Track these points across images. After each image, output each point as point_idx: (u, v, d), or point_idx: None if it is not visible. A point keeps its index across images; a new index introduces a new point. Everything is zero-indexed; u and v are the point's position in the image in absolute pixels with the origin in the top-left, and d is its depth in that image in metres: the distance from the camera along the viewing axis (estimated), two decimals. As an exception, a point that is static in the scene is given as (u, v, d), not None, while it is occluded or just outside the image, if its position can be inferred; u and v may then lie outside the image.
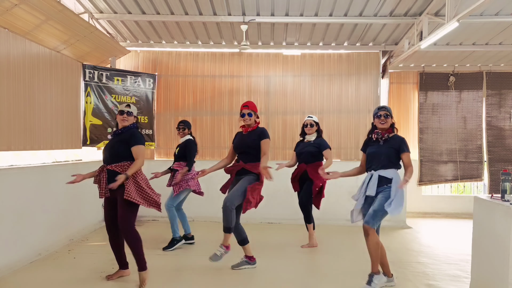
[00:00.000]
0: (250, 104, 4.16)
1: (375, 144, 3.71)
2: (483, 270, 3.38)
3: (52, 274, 3.95)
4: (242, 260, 4.21)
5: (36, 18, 4.59)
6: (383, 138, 3.65)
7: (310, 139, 5.01)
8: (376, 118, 3.70)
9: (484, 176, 7.62)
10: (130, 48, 7.03)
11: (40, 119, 4.98)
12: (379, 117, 3.68)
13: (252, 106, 4.15)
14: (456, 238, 5.81)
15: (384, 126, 3.67)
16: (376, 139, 3.69)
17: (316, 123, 5.02)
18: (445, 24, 4.87)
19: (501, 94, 7.63)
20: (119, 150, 3.59)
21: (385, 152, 3.62)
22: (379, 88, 7.15)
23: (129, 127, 3.71)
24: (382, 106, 3.80)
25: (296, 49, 7.20)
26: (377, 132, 3.69)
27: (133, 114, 3.75)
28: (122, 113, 3.70)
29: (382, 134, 3.66)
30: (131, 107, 3.77)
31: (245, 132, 4.15)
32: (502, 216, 3.04)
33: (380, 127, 3.69)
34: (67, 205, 5.13)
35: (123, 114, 3.69)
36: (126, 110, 3.71)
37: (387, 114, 3.68)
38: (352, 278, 3.93)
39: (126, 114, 3.69)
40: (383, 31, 6.58)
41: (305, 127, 5.03)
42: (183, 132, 5.10)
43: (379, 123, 3.68)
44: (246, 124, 4.13)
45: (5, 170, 4.14)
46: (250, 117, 4.10)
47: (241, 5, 5.83)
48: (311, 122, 5.00)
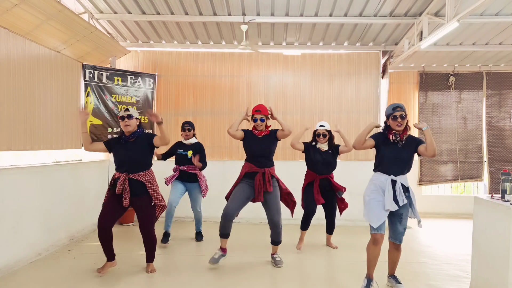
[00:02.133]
0: (262, 108, 4.16)
1: (393, 146, 3.39)
2: (483, 270, 3.38)
3: (52, 274, 3.95)
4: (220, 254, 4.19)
5: (36, 18, 4.59)
6: (402, 141, 3.37)
7: (324, 148, 4.76)
8: (392, 120, 3.37)
9: (484, 176, 7.62)
10: (130, 48, 7.03)
11: (40, 119, 4.98)
12: (395, 119, 3.34)
13: (264, 110, 4.16)
14: (456, 238, 5.81)
15: (401, 128, 3.35)
16: (393, 141, 3.39)
17: (328, 132, 4.76)
18: (445, 24, 4.87)
19: (501, 94, 7.64)
20: (142, 157, 3.77)
21: (405, 158, 3.38)
22: (379, 88, 7.15)
23: (138, 133, 3.77)
24: (396, 105, 3.39)
25: (296, 49, 7.20)
26: (395, 134, 3.37)
27: (133, 117, 3.77)
28: (123, 118, 3.73)
29: (401, 137, 3.36)
30: (130, 109, 3.77)
31: (260, 135, 4.18)
32: (502, 216, 3.04)
33: (396, 129, 3.36)
34: (67, 205, 5.12)
35: (124, 119, 3.71)
36: (125, 114, 3.73)
37: (403, 114, 3.34)
38: (353, 277, 3.93)
39: (126, 118, 3.71)
40: (383, 31, 6.58)
41: (318, 136, 4.76)
42: (189, 133, 5.13)
43: (396, 125, 3.35)
44: (258, 129, 4.16)
45: (5, 170, 4.14)
46: (262, 122, 4.14)
47: (241, 5, 5.83)
48: (324, 132, 4.72)
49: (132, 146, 3.75)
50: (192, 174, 5.12)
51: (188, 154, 5.10)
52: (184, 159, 5.13)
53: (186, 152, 5.13)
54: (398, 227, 3.44)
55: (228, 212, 4.01)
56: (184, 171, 5.10)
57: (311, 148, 4.81)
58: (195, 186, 5.17)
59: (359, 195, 6.81)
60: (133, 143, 3.76)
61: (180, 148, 5.20)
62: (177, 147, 5.25)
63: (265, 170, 4.12)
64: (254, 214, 5.97)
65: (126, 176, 3.71)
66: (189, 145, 5.18)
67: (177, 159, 5.21)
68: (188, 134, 5.16)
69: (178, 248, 4.99)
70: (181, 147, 5.21)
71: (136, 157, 3.75)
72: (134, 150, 3.74)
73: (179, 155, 5.18)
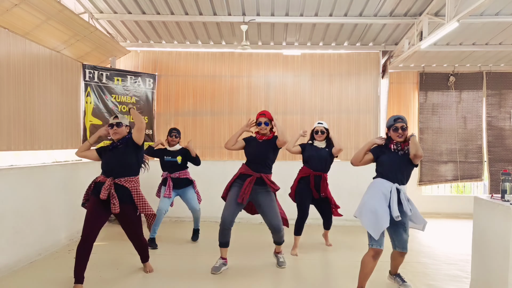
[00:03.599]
0: (267, 113, 4.20)
1: (393, 154, 3.43)
2: (483, 270, 3.38)
3: (52, 274, 3.95)
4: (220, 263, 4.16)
5: (36, 18, 4.59)
6: (403, 151, 3.42)
7: (321, 146, 4.75)
8: (393, 132, 3.44)
9: (484, 176, 7.62)
10: (130, 48, 7.03)
11: (40, 119, 4.98)
12: (396, 130, 3.42)
13: (268, 115, 4.18)
14: (456, 238, 5.81)
15: (402, 139, 3.43)
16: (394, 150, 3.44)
17: (326, 130, 4.79)
18: (445, 24, 4.87)
19: (501, 94, 7.63)
20: (129, 161, 3.66)
21: (405, 167, 3.41)
22: (379, 88, 7.15)
23: (126, 138, 3.71)
24: (397, 116, 3.48)
25: (296, 49, 7.20)
26: (396, 143, 3.44)
27: (122, 124, 3.71)
28: (111, 126, 3.69)
29: (402, 147, 3.42)
30: (119, 117, 3.74)
31: (260, 139, 4.16)
32: (502, 216, 3.04)
33: (397, 140, 3.44)
34: (67, 205, 5.12)
35: (113, 127, 3.68)
36: (114, 122, 3.69)
37: (404, 126, 3.42)
38: (353, 278, 3.93)
39: (115, 126, 3.68)
40: (383, 31, 6.58)
41: (316, 133, 4.77)
42: (175, 139, 5.15)
43: (397, 136, 3.42)
44: (262, 133, 4.16)
45: (5, 170, 4.14)
46: (266, 126, 4.14)
47: (241, 5, 5.83)
48: (322, 129, 4.74)
49: (120, 150, 3.68)
50: (184, 179, 5.12)
51: (178, 160, 5.08)
52: (173, 165, 5.08)
53: (175, 158, 5.08)
54: (403, 236, 3.46)
55: (225, 220, 4.00)
56: (176, 178, 5.06)
57: (308, 145, 4.82)
58: (188, 188, 5.16)
59: (359, 195, 6.81)
60: (122, 148, 3.70)
61: (167, 155, 5.12)
62: (163, 154, 5.16)
63: (260, 175, 4.05)
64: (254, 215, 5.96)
65: (112, 181, 3.58)
66: (176, 151, 5.15)
67: (166, 167, 5.13)
68: (174, 141, 5.13)
69: (177, 249, 4.99)
70: (167, 154, 5.13)
71: (124, 161, 3.65)
72: (122, 154, 3.67)
73: (168, 162, 5.10)
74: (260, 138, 4.17)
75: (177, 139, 5.17)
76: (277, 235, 4.17)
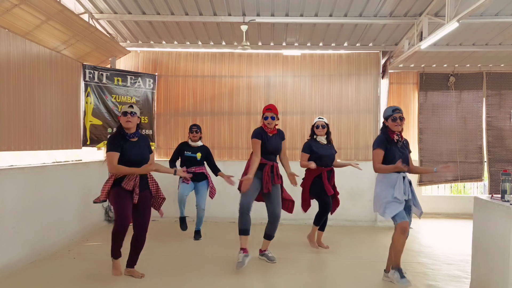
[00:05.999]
0: (273, 107, 4.31)
1: (397, 146, 3.64)
2: (483, 270, 3.38)
3: (52, 274, 3.94)
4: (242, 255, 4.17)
5: (36, 18, 4.59)
6: (402, 142, 3.66)
7: (323, 141, 4.93)
8: (392, 121, 3.63)
9: (484, 177, 7.62)
10: (130, 48, 7.03)
11: (40, 119, 4.98)
12: (395, 120, 3.61)
13: (274, 109, 4.30)
14: (456, 238, 5.81)
15: (399, 129, 3.63)
16: (397, 141, 3.63)
17: (326, 124, 4.97)
18: (445, 25, 4.87)
19: (501, 94, 7.64)
20: (147, 155, 3.86)
21: (407, 155, 3.69)
22: (379, 89, 7.15)
23: (138, 133, 3.83)
24: (395, 107, 3.68)
25: (296, 49, 7.20)
26: (398, 134, 3.64)
27: (136, 114, 3.78)
28: (125, 114, 3.71)
29: (401, 137, 3.65)
30: (134, 107, 3.78)
31: (271, 133, 4.30)
32: (502, 216, 3.04)
33: (396, 130, 3.62)
34: (67, 205, 5.13)
35: (127, 115, 3.70)
36: (129, 111, 3.73)
37: (402, 116, 3.62)
38: (353, 277, 3.93)
39: (130, 114, 3.70)
40: (383, 31, 6.58)
41: (317, 128, 4.91)
42: (196, 135, 5.29)
43: (395, 126, 3.61)
44: (269, 127, 4.26)
45: (5, 170, 4.14)
46: (273, 120, 4.26)
47: (241, 5, 5.83)
48: (323, 123, 4.92)
49: (138, 144, 3.80)
50: (200, 173, 5.27)
51: (197, 157, 5.25)
52: (192, 161, 5.25)
53: (194, 154, 5.26)
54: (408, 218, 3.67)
55: (244, 205, 4.14)
56: (192, 172, 5.18)
57: (313, 143, 4.91)
58: (203, 183, 5.33)
59: (358, 195, 6.91)
60: (138, 142, 3.80)
61: (187, 151, 5.28)
62: (183, 149, 5.31)
63: (273, 163, 4.30)
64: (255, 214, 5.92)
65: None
66: (196, 147, 5.29)
67: (184, 161, 5.29)
68: (195, 136, 5.29)
69: (179, 247, 4.98)
70: (188, 149, 5.30)
71: (145, 155, 3.81)
72: (141, 148, 3.80)
73: (187, 157, 5.27)
74: (270, 132, 4.29)
75: (198, 134, 5.32)
76: (273, 225, 4.33)
